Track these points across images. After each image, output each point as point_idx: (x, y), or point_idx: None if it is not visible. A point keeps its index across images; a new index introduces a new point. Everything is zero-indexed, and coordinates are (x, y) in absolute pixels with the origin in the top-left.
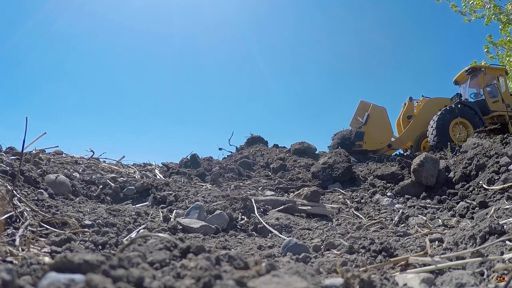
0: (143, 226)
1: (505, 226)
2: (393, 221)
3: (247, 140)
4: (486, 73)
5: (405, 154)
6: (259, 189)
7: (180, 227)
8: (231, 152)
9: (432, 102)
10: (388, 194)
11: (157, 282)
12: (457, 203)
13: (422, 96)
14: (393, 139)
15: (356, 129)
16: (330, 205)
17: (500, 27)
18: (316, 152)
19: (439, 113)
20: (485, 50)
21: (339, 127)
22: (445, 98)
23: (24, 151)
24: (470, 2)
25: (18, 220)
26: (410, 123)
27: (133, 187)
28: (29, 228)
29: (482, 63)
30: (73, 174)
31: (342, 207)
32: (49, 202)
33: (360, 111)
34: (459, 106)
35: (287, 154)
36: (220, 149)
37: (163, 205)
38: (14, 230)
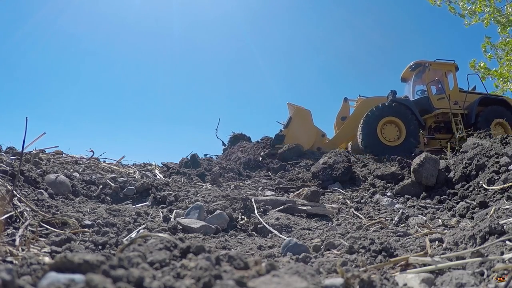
0: (143, 226)
1: (505, 226)
2: (393, 221)
3: (229, 139)
4: (432, 68)
5: None
6: (259, 189)
7: (180, 227)
8: (217, 155)
9: (367, 101)
10: (388, 194)
11: (157, 282)
12: (457, 203)
13: (359, 95)
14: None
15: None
16: (330, 205)
17: (498, 29)
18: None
19: (367, 112)
20: (483, 49)
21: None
22: (382, 97)
23: (24, 151)
24: (469, 8)
25: (18, 220)
26: (343, 125)
27: (133, 187)
28: (29, 228)
29: (481, 64)
30: (73, 174)
31: (342, 207)
32: (49, 202)
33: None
34: (390, 104)
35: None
36: (205, 155)
37: (163, 205)
38: (14, 230)
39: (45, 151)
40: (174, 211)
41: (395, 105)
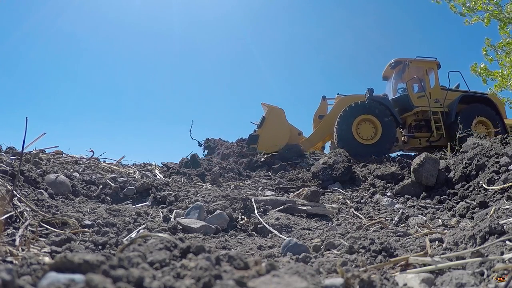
0: (143, 226)
1: (505, 226)
2: (393, 221)
3: (204, 145)
4: (412, 66)
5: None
6: (259, 189)
7: (180, 227)
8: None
9: (345, 100)
10: (388, 194)
11: (157, 282)
12: (457, 203)
13: (338, 94)
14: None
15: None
16: (330, 205)
17: (498, 27)
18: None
19: (342, 111)
20: (484, 52)
21: None
22: (360, 95)
23: (24, 151)
24: (467, 5)
25: (18, 220)
26: (320, 123)
27: (133, 187)
28: (29, 228)
29: (482, 65)
30: (73, 174)
31: (342, 207)
32: (49, 202)
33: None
34: (366, 102)
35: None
36: (205, 155)
37: (163, 205)
38: (14, 230)
39: (45, 151)
40: (174, 211)
41: (370, 103)
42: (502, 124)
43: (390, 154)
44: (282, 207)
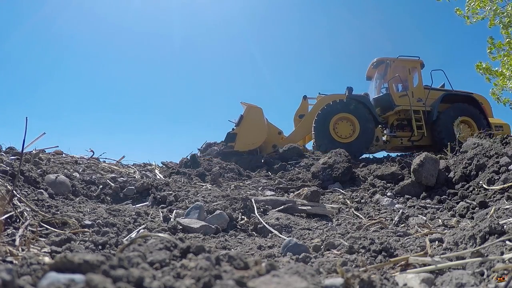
0: (143, 226)
1: (505, 226)
2: (393, 221)
3: (202, 148)
4: (394, 65)
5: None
6: (259, 189)
7: (180, 227)
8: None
9: (325, 99)
10: (388, 194)
11: (157, 282)
12: (457, 203)
13: (319, 93)
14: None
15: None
16: (330, 205)
17: (501, 30)
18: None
19: (320, 109)
20: (488, 51)
21: None
22: (341, 94)
23: (24, 151)
24: (472, 4)
25: (18, 220)
26: (300, 122)
27: (133, 187)
28: (29, 228)
29: (483, 65)
30: (73, 174)
31: (342, 207)
32: (49, 202)
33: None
34: (344, 100)
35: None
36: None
37: (163, 205)
38: (14, 230)
39: (45, 151)
40: (174, 211)
41: (348, 102)
42: (486, 124)
43: (374, 154)
44: (282, 207)
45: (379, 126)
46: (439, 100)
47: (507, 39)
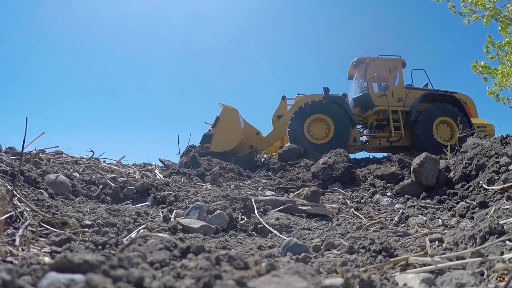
0: (143, 226)
1: (505, 226)
2: (393, 221)
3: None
4: (374, 65)
5: (272, 155)
6: (259, 189)
7: (180, 227)
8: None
9: (303, 99)
10: (388, 194)
11: (157, 282)
12: (457, 203)
13: (298, 93)
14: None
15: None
16: (330, 205)
17: (499, 28)
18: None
19: (294, 111)
20: (485, 50)
21: None
22: (319, 94)
23: (24, 151)
24: (470, 1)
25: (18, 220)
26: (278, 123)
27: (133, 187)
28: (29, 228)
29: (482, 63)
30: (73, 174)
31: (342, 207)
32: (49, 202)
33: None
34: (318, 101)
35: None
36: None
37: (163, 205)
38: (14, 230)
39: (45, 151)
40: (174, 211)
41: (322, 103)
42: (468, 124)
43: (373, 154)
44: (282, 207)
45: (358, 126)
46: (418, 100)
47: (507, 39)
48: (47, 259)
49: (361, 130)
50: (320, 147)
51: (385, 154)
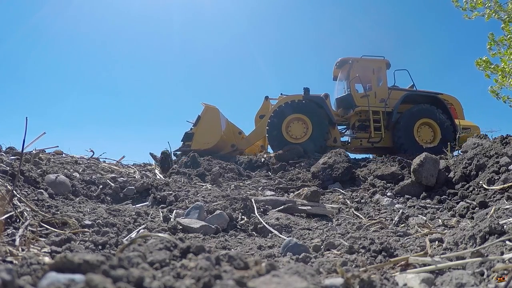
0: (143, 226)
1: (505, 226)
2: (393, 221)
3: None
4: (357, 65)
5: (256, 155)
6: (259, 189)
7: (180, 227)
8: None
9: (285, 99)
10: (388, 194)
11: (157, 282)
12: (457, 203)
13: (281, 93)
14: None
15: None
16: (330, 205)
17: (502, 25)
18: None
19: (273, 111)
20: (488, 47)
21: None
22: (300, 94)
23: (24, 151)
24: (469, 0)
25: (18, 220)
26: (260, 123)
27: (133, 187)
28: (29, 228)
29: (484, 58)
30: (73, 174)
31: (342, 207)
32: (49, 202)
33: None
34: (296, 101)
35: None
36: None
37: (163, 205)
38: (14, 230)
39: (45, 151)
40: (174, 211)
41: (300, 103)
42: (451, 125)
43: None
44: (282, 207)
45: (340, 127)
46: (399, 101)
47: (508, 35)
48: (47, 259)
49: (344, 131)
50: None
51: (367, 155)
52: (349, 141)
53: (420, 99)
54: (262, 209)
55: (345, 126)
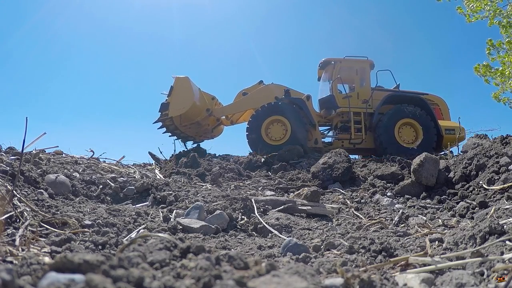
0: (143, 226)
1: (505, 226)
2: (393, 221)
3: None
4: (340, 66)
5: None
6: (259, 189)
7: (180, 227)
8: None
9: (269, 87)
10: (388, 194)
11: (157, 282)
12: (457, 203)
13: (272, 83)
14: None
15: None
16: (330, 205)
17: (500, 30)
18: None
19: (255, 110)
20: (487, 52)
21: None
22: (283, 86)
23: (24, 151)
24: (471, 6)
25: (18, 220)
26: (240, 98)
27: (133, 187)
28: (29, 228)
29: (484, 63)
30: (73, 174)
31: (342, 207)
32: (49, 202)
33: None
34: (274, 103)
35: None
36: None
37: (163, 205)
38: (14, 230)
39: (45, 151)
40: (174, 211)
41: (279, 104)
42: (434, 126)
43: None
44: (282, 207)
45: (323, 128)
46: (381, 102)
47: (507, 39)
48: (47, 259)
49: (327, 132)
50: (276, 148)
51: (353, 156)
52: (331, 142)
53: (403, 100)
54: (262, 209)
55: (328, 127)
